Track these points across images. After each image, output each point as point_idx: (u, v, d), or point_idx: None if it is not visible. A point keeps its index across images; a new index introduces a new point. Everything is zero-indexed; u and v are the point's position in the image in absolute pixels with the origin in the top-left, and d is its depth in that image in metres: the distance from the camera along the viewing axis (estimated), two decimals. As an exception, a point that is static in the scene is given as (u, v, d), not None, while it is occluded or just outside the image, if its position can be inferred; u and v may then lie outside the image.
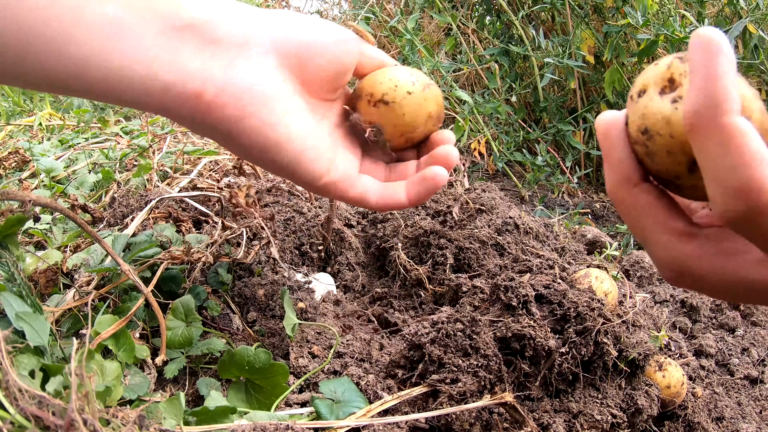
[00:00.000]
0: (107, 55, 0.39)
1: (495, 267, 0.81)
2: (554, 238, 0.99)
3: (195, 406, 0.56)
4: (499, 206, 0.97)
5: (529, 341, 0.60)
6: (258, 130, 0.44)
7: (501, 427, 0.55)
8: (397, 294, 0.83)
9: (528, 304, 0.64)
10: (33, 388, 0.39)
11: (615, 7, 1.46)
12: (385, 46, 2.15)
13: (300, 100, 0.47)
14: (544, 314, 0.64)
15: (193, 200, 0.93)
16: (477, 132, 1.52)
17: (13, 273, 0.53)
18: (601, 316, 0.62)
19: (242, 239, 0.85)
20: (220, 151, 1.28)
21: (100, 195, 1.10)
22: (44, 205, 0.45)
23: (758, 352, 0.85)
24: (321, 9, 2.48)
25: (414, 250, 0.88)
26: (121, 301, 0.64)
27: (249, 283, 0.79)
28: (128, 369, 0.55)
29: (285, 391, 0.56)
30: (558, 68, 1.45)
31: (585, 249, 1.04)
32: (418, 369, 0.60)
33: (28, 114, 2.42)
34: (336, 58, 0.48)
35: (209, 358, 0.65)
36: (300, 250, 0.95)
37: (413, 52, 1.52)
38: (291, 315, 0.66)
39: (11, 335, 0.48)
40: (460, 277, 0.80)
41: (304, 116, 0.47)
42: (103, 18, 0.39)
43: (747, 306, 0.95)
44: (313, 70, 0.47)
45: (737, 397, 0.75)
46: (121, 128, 1.62)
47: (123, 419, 0.39)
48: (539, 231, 0.95)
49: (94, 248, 0.75)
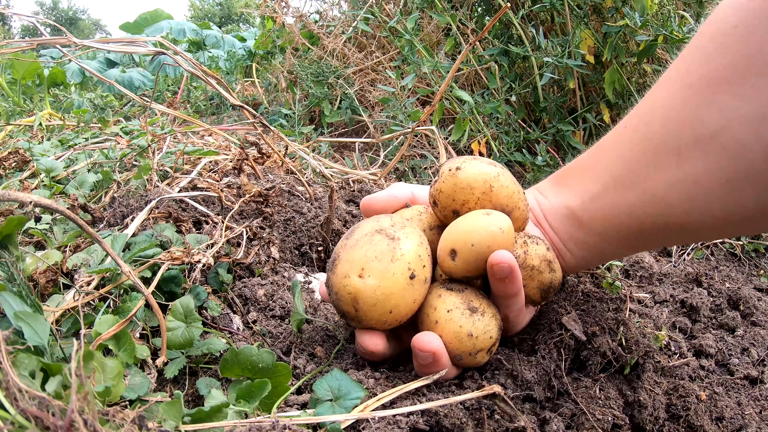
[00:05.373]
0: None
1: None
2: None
3: (195, 406, 0.56)
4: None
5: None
6: None
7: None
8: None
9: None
10: (33, 388, 0.39)
11: (614, 7, 1.46)
12: (385, 46, 2.15)
13: None
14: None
15: (193, 200, 0.93)
16: (477, 132, 1.52)
17: (12, 273, 0.53)
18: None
19: (242, 239, 0.85)
20: (220, 152, 1.28)
21: (100, 195, 1.10)
22: (45, 206, 0.45)
23: (758, 352, 0.85)
24: (321, 9, 2.48)
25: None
26: (122, 301, 0.64)
27: (249, 283, 0.79)
28: (128, 369, 0.55)
29: (286, 392, 0.56)
30: (557, 68, 1.45)
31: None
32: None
33: (28, 114, 2.42)
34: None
35: (209, 358, 0.65)
36: (300, 251, 0.95)
37: (413, 52, 1.52)
38: (300, 310, 0.66)
39: (11, 335, 0.48)
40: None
41: None
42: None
43: (747, 306, 0.95)
44: None
45: (737, 397, 0.75)
46: (121, 128, 1.62)
47: (122, 419, 0.39)
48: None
49: (94, 248, 0.75)
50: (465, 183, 0.62)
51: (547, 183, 0.71)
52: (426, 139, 1.68)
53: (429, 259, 0.60)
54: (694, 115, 0.54)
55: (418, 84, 1.76)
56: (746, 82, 0.51)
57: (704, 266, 1.13)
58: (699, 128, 0.54)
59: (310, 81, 2.18)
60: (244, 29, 8.11)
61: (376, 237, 0.58)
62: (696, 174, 0.54)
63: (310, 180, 1.29)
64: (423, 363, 0.57)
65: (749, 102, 0.51)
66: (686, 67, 0.56)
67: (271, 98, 2.59)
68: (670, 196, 0.57)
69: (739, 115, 0.51)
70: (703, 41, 0.55)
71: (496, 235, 0.57)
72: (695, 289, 1.00)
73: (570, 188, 0.67)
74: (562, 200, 0.67)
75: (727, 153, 0.52)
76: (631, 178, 0.59)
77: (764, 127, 0.50)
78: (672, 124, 0.56)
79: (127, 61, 4.15)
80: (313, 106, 2.19)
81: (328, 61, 2.21)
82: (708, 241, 1.22)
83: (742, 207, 0.54)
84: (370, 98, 2.04)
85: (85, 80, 3.58)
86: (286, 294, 0.78)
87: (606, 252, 0.66)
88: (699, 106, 0.54)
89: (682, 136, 0.55)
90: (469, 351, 0.58)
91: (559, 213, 0.67)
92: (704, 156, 0.54)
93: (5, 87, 2.64)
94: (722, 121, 0.52)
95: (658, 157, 0.57)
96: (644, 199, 0.58)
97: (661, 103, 0.58)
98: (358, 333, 0.60)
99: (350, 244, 0.59)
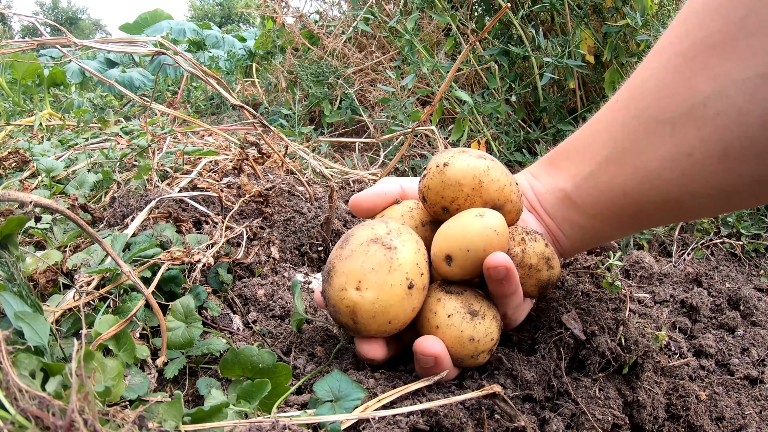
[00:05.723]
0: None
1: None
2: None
3: (195, 406, 0.56)
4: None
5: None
6: None
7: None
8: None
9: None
10: (33, 388, 0.39)
11: (614, 7, 1.46)
12: (385, 46, 2.15)
13: None
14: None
15: (193, 200, 0.93)
16: (477, 132, 1.52)
17: (13, 273, 0.53)
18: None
19: (242, 239, 0.85)
20: (220, 152, 1.28)
21: (100, 195, 1.10)
22: (45, 206, 0.45)
23: (758, 352, 0.85)
24: (321, 9, 2.48)
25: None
26: (122, 301, 0.64)
27: (249, 283, 0.79)
28: (129, 369, 0.55)
29: (286, 392, 0.56)
30: (557, 68, 1.45)
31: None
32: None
33: (28, 114, 2.42)
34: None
35: (209, 358, 0.65)
36: (300, 250, 0.95)
37: (412, 52, 1.52)
38: (300, 310, 0.66)
39: (11, 335, 0.48)
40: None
41: None
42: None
43: (747, 306, 0.95)
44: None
45: (737, 397, 0.75)
46: (121, 128, 1.62)
47: (123, 419, 0.39)
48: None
49: (94, 248, 0.75)
50: (453, 180, 0.60)
51: (539, 165, 0.69)
52: (426, 139, 1.68)
53: (426, 265, 0.59)
54: (687, 84, 0.52)
55: (418, 84, 1.76)
56: (740, 44, 0.48)
57: (704, 266, 1.13)
58: (692, 98, 0.51)
59: (310, 81, 2.18)
60: (244, 29, 8.11)
61: (372, 247, 0.56)
62: (690, 146, 0.52)
63: (310, 180, 1.29)
64: (425, 366, 0.57)
65: (744, 64, 0.48)
66: (678, 36, 0.54)
67: (271, 98, 2.59)
68: (664, 172, 0.55)
69: (734, 80, 0.49)
70: (695, 6, 0.53)
71: (491, 238, 0.56)
72: (695, 289, 1.00)
73: (563, 170, 0.65)
74: (556, 183, 0.65)
75: (722, 121, 0.50)
76: (624, 156, 0.57)
77: (760, 91, 0.47)
78: (664, 96, 0.54)
79: (127, 61, 4.15)
80: (313, 106, 2.19)
81: (328, 61, 2.21)
82: (707, 217, 1.21)
83: (739, 179, 0.51)
84: (370, 98, 2.04)
85: (85, 80, 3.58)
86: (286, 294, 0.78)
87: (602, 233, 0.65)
88: (692, 73, 0.51)
89: (675, 108, 0.53)
90: (471, 354, 0.58)
91: (552, 196, 0.65)
92: (698, 127, 0.51)
93: (5, 87, 2.64)
94: (716, 87, 0.49)
95: (650, 132, 0.55)
96: (638, 177, 0.57)
97: (652, 74, 0.56)
98: (358, 341, 0.59)
99: (345, 254, 0.57)
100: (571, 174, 0.63)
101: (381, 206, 0.68)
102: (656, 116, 0.54)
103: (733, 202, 0.56)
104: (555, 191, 0.65)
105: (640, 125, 0.56)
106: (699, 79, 0.51)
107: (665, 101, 0.54)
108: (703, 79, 0.51)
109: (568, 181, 0.64)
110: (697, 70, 0.51)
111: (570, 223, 0.65)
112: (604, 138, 0.60)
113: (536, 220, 0.67)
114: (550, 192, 0.66)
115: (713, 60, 0.50)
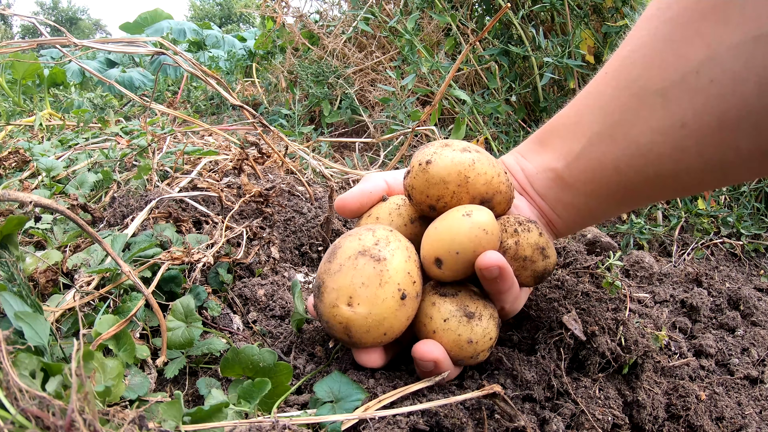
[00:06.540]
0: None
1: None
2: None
3: (195, 406, 0.56)
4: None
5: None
6: None
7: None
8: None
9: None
10: (33, 388, 0.39)
11: (614, 7, 1.46)
12: (385, 46, 2.15)
13: None
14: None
15: (193, 200, 0.93)
16: (476, 132, 1.52)
17: (13, 273, 0.53)
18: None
19: (242, 239, 0.85)
20: (220, 152, 1.28)
21: (100, 195, 1.10)
22: (45, 206, 0.45)
23: (758, 352, 0.85)
24: (321, 9, 2.48)
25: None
26: (122, 301, 0.64)
27: (249, 283, 0.79)
28: (128, 369, 0.55)
29: (287, 391, 0.56)
30: (558, 68, 1.45)
31: (585, 249, 1.04)
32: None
33: (28, 114, 2.42)
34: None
35: (209, 358, 0.65)
36: (300, 250, 0.95)
37: (413, 52, 1.52)
38: (300, 310, 0.66)
39: (11, 335, 0.48)
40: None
41: None
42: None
43: (747, 306, 0.95)
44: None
45: (737, 397, 0.75)
46: (121, 128, 1.62)
47: (123, 419, 0.39)
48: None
49: (94, 248, 0.75)
50: (437, 178, 0.57)
51: (528, 144, 0.67)
52: (426, 139, 1.68)
53: (418, 271, 0.58)
54: (678, 51, 0.49)
55: (418, 84, 1.76)
56: (733, 8, 0.46)
57: (704, 266, 1.13)
58: (684, 66, 0.49)
59: (310, 81, 2.18)
60: (244, 29, 8.11)
61: (360, 260, 0.55)
62: (683, 117, 0.50)
63: (310, 180, 1.29)
64: (424, 370, 0.56)
65: (737, 28, 0.45)
66: (667, 3, 0.52)
67: (271, 98, 2.59)
68: (657, 145, 0.52)
69: (727, 45, 0.46)
70: None
71: (480, 237, 0.54)
72: (695, 289, 1.00)
73: (552, 148, 0.62)
74: (546, 162, 0.63)
75: (716, 90, 0.47)
76: (615, 130, 0.55)
77: (756, 56, 0.45)
78: (655, 65, 0.51)
79: (127, 61, 4.15)
80: (313, 106, 2.19)
81: (328, 61, 2.21)
82: (703, 192, 1.21)
83: (735, 150, 0.49)
84: (370, 98, 2.04)
85: (85, 80, 3.58)
86: (286, 294, 0.78)
87: (596, 212, 0.62)
88: (683, 39, 0.49)
89: (667, 77, 0.50)
90: (470, 355, 0.57)
91: (543, 177, 0.63)
92: (691, 96, 0.49)
93: (5, 87, 2.64)
94: (709, 54, 0.47)
95: (641, 103, 0.52)
96: (630, 152, 0.54)
97: (641, 42, 0.53)
98: (355, 352, 0.59)
99: (334, 269, 0.55)
100: (561, 152, 0.61)
101: (367, 205, 0.66)
102: (647, 86, 0.52)
103: (734, 174, 0.53)
104: (546, 171, 0.63)
105: (630, 97, 0.53)
106: (691, 47, 0.48)
107: (656, 71, 0.51)
108: (695, 46, 0.48)
109: (558, 160, 0.61)
110: (688, 36, 0.49)
111: (563, 203, 0.62)
112: (594, 112, 0.57)
113: (528, 204, 0.65)
114: (540, 172, 0.63)
115: (705, 26, 0.47)
